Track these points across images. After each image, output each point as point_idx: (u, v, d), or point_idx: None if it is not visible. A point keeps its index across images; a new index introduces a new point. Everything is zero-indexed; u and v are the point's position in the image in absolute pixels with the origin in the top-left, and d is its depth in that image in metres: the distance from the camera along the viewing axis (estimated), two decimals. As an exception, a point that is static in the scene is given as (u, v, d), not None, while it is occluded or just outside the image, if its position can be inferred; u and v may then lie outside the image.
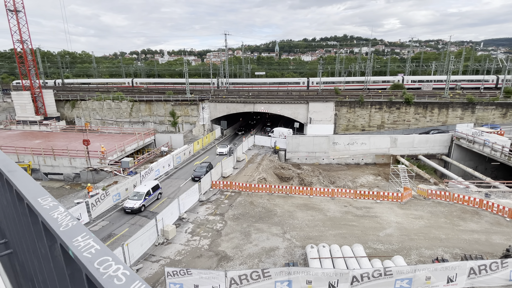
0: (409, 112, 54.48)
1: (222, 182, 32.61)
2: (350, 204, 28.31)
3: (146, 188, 28.24)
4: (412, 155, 46.88)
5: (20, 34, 53.34)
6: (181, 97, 59.96)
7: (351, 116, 54.65)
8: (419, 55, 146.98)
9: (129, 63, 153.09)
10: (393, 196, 28.82)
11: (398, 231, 23.48)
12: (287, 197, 30.09)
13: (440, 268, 16.65)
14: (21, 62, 55.96)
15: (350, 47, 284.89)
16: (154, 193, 29.15)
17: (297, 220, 25.13)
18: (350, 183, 40.56)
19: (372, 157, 47.22)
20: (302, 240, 22.06)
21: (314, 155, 47.40)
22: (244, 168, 40.12)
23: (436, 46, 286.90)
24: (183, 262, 19.83)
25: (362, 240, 22.07)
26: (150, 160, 41.43)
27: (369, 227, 24.10)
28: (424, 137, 47.45)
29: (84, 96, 62.57)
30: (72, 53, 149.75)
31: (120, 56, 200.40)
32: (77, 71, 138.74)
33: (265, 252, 20.76)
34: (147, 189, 28.11)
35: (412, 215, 26.32)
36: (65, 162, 38.47)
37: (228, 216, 26.12)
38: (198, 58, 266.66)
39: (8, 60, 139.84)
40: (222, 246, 21.63)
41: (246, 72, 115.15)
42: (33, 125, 55.37)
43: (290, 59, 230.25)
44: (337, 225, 24.35)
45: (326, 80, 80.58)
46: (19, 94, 57.01)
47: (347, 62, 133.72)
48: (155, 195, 29.39)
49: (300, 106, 55.41)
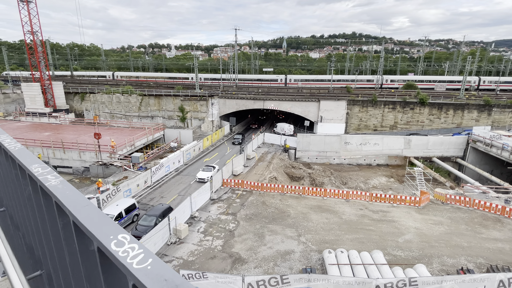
0: (423, 113, 53.17)
1: (233, 180, 31.96)
2: (366, 207, 27.48)
3: (117, 210, 22.75)
4: (426, 157, 45.73)
5: (30, 25, 52.96)
6: (191, 92, 59.32)
7: (363, 116, 53.52)
8: (430, 55, 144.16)
9: (137, 57, 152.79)
10: (410, 200, 27.90)
11: (417, 237, 22.63)
12: (300, 198, 29.35)
13: (468, 280, 15.83)
14: (31, 53, 55.73)
15: (359, 44, 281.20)
16: (128, 215, 23.54)
17: (311, 222, 24.40)
18: (362, 185, 39.70)
19: (385, 158, 46.18)
20: (318, 244, 21.34)
21: (325, 154, 46.52)
22: (255, 166, 39.44)
23: (446, 45, 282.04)
24: (197, 263, 19.27)
25: (381, 246, 21.28)
26: (160, 155, 40.96)
27: (387, 232, 23.29)
28: (439, 139, 46.24)
29: (93, 89, 62.23)
30: (81, 45, 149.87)
31: (128, 50, 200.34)
32: (86, 63, 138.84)
33: (280, 256, 20.10)
34: (118, 211, 22.64)
35: (431, 220, 25.42)
36: (74, 156, 38.16)
37: (240, 216, 25.49)
38: (205, 53, 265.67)
39: (18, 51, 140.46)
40: (236, 247, 21.02)
41: (255, 68, 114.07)
42: (42, 117, 55.25)
43: (298, 56, 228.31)
44: (353, 229, 23.58)
45: (306, 78, 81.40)
46: (29, 86, 56.86)
47: (356, 60, 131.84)
48: (130, 218, 23.76)
49: (311, 104, 54.42)
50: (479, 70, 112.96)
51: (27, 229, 2.78)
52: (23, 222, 2.83)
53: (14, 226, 3.22)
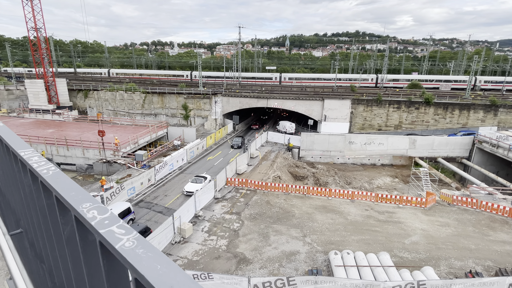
0: (428, 112, 52.66)
1: (237, 179, 31.77)
2: (371, 207, 27.21)
3: None
4: (431, 157, 45.32)
5: (34, 21, 52.84)
6: (194, 90, 59.08)
7: (367, 115, 53.10)
8: (435, 54, 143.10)
9: (140, 54, 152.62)
10: (416, 201, 27.60)
11: (424, 239, 22.37)
12: (305, 198, 29.12)
13: (477, 283, 15.56)
14: (34, 50, 55.65)
15: (362, 43, 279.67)
16: (123, 220, 22.82)
17: (316, 223, 24.17)
18: (366, 185, 39.40)
19: (389, 158, 45.82)
20: (324, 245, 21.13)
21: (329, 154, 46.21)
22: (258, 165, 39.22)
23: (450, 45, 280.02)
24: (201, 263, 19.12)
25: (387, 247, 21.04)
26: (163, 153, 40.81)
27: (393, 233, 23.03)
28: (444, 139, 45.79)
29: (96, 86, 62.11)
30: (84, 42, 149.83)
31: (130, 47, 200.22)
32: (89, 60, 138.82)
33: (286, 256, 19.90)
34: None
35: (437, 222, 25.12)
36: (78, 153, 38.08)
37: (244, 216, 25.31)
38: (208, 51, 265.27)
39: (21, 47, 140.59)
40: (240, 247, 20.85)
41: (258, 66, 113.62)
42: (45, 114, 55.21)
43: (301, 54, 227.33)
44: (359, 230, 23.34)
45: (299, 76, 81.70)
46: (33, 82, 56.82)
47: (360, 59, 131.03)
48: (124, 223, 23.69)
49: (315, 103, 54.04)
50: (484, 70, 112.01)
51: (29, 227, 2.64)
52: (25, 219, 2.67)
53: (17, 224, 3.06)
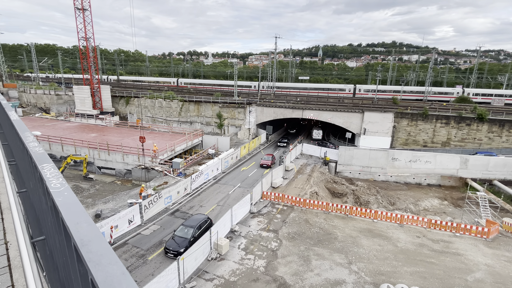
0: (481, 129, 48.08)
1: (273, 193, 30.49)
2: (424, 234, 24.54)
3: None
4: (485, 179, 40.97)
5: (85, 31, 56.31)
6: (229, 99, 59.24)
7: (412, 130, 49.61)
8: (483, 66, 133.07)
9: (177, 64, 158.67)
10: (476, 230, 24.48)
11: (490, 277, 19.46)
12: (347, 219, 27.07)
13: None
14: (83, 58, 59.18)
15: (400, 54, 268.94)
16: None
17: (362, 248, 22.10)
18: (412, 206, 36.25)
19: (437, 178, 42.07)
20: (373, 275, 19.05)
21: (369, 170, 43.48)
22: (294, 179, 37.69)
23: (497, 56, 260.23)
24: (239, 285, 17.94)
25: (447, 284, 18.49)
26: (198, 162, 40.72)
27: (452, 267, 20.34)
28: (501, 159, 41.26)
29: (137, 93, 64.56)
30: (127, 51, 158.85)
31: (168, 57, 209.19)
32: (130, 68, 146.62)
33: (330, 285, 18.13)
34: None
35: (504, 257, 21.94)
36: (118, 158, 39.10)
37: (282, 234, 23.87)
38: (240, 61, 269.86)
39: (71, 56, 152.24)
40: (280, 270, 19.41)
41: (291, 76, 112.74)
42: (89, 119, 58.12)
43: (334, 65, 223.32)
44: (412, 260, 20.92)
45: (379, 88, 75.93)
46: (80, 89, 60.28)
47: (399, 70, 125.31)
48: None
49: (353, 115, 51.62)
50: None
51: None
52: None
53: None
